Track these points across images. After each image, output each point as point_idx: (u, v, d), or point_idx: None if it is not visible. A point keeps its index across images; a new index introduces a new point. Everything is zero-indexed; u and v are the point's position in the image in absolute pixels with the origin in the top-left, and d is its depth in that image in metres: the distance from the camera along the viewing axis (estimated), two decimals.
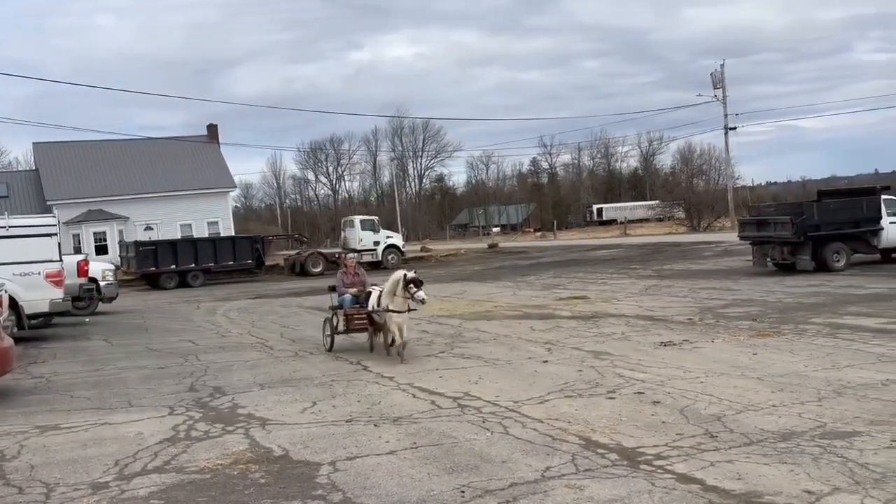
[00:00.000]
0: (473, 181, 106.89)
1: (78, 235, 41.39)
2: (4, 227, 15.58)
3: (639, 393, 8.28)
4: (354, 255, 15.11)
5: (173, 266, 33.34)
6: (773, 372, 8.95)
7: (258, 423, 7.86)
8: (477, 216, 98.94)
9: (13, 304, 14.49)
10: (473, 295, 21.32)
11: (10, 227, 15.66)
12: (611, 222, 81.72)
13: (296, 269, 36.66)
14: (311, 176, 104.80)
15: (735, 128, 56.95)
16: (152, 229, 42.93)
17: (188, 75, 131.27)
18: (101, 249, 40.50)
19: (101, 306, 21.56)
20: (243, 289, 30.17)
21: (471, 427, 7.26)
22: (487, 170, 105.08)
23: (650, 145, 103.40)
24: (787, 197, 60.19)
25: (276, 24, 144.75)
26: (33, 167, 48.97)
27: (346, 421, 7.77)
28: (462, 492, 5.52)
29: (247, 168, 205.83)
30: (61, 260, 16.49)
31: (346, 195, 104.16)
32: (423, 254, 46.39)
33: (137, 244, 34.17)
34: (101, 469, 6.52)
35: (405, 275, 10.97)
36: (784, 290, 17.24)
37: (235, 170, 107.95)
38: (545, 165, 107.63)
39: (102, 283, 21.26)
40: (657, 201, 78.51)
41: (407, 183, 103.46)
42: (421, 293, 10.79)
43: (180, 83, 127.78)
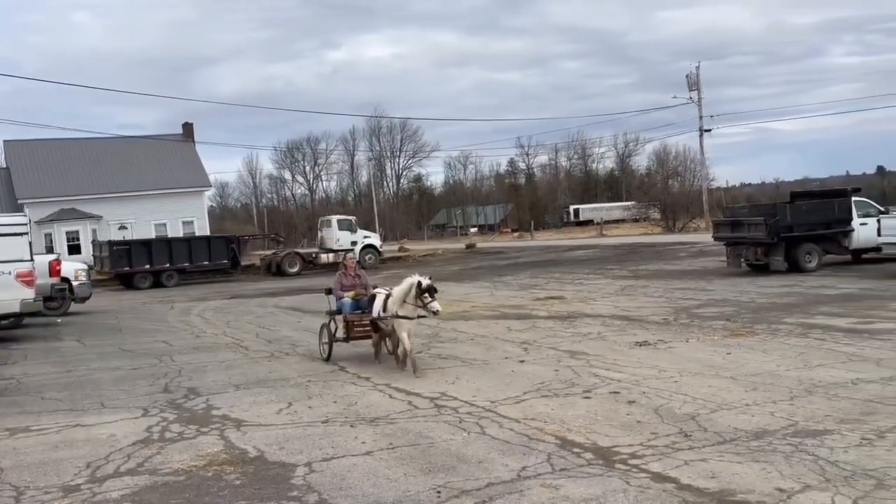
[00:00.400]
0: (451, 181, 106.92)
1: (50, 235, 40.83)
2: None
3: (614, 392, 8.34)
4: (354, 255, 14.60)
5: (147, 266, 33.00)
6: (747, 371, 9.06)
7: (233, 425, 7.81)
8: (455, 216, 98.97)
9: None
10: (451, 295, 21.28)
11: None
12: (587, 223, 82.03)
13: (272, 270, 36.47)
14: (288, 175, 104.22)
15: (710, 129, 57.47)
16: (126, 228, 42.46)
17: (165, 73, 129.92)
18: (74, 249, 40.01)
19: (74, 306, 21.33)
20: (218, 289, 29.91)
21: (447, 427, 7.27)
22: (465, 170, 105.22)
23: (626, 146, 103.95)
24: (761, 198, 61.01)
25: (254, 23, 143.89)
26: (4, 165, 48.21)
27: (323, 422, 7.74)
28: (438, 492, 5.52)
29: (223, 167, 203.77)
30: (32, 259, 16.26)
31: (324, 195, 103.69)
32: (401, 254, 46.32)
33: (111, 244, 33.80)
34: (73, 471, 6.45)
35: (420, 282, 9.94)
36: (757, 291, 17.44)
37: (211, 169, 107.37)
38: (522, 166, 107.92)
39: (75, 283, 21.06)
40: (633, 202, 78.94)
41: (384, 183, 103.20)
42: (436, 304, 9.82)
43: (157, 81, 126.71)
